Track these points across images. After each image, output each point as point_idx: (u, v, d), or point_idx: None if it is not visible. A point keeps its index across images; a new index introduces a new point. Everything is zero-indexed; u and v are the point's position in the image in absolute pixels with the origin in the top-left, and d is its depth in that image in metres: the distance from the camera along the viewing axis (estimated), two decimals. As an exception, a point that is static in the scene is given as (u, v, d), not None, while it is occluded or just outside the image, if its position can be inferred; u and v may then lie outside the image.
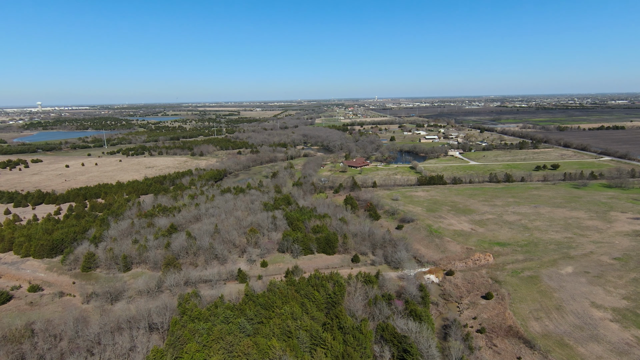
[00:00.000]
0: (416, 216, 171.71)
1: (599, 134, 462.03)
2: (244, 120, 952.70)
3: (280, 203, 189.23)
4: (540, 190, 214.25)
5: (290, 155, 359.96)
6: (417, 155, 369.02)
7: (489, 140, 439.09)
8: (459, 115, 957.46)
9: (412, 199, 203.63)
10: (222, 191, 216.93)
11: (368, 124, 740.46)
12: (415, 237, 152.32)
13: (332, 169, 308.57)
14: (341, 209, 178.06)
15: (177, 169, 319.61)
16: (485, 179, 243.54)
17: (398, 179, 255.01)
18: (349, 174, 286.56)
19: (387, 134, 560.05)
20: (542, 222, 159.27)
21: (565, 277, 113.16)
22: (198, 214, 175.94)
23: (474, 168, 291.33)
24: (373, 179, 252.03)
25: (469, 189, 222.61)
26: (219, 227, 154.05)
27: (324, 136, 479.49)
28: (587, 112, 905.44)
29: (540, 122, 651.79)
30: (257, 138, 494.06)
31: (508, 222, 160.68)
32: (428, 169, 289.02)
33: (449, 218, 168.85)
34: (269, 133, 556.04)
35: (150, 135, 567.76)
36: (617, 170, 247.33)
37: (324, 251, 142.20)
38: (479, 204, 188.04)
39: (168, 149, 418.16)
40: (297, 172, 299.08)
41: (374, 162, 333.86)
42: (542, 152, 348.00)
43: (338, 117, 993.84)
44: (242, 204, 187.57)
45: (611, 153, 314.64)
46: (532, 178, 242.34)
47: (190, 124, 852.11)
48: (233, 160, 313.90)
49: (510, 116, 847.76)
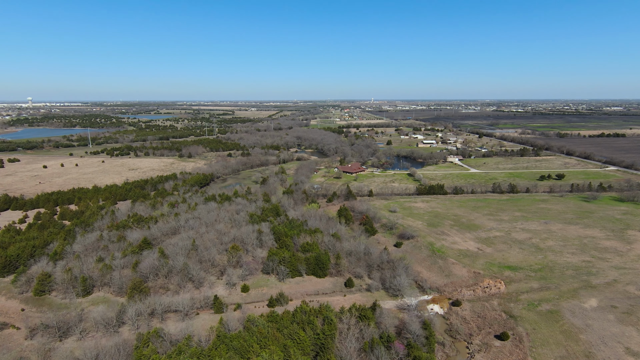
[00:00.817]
0: (416, 232, 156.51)
1: (600, 142, 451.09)
2: (238, 120, 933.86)
3: (268, 214, 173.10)
4: (548, 203, 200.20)
5: (282, 159, 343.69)
6: (415, 161, 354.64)
7: (489, 146, 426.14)
8: (455, 119, 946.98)
9: (412, 211, 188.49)
10: (206, 199, 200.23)
11: (364, 126, 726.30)
12: (416, 257, 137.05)
13: (326, 174, 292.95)
14: (334, 223, 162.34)
15: (162, 171, 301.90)
16: (488, 189, 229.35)
17: (395, 188, 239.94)
18: (344, 180, 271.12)
19: (383, 137, 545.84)
20: (555, 241, 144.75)
21: (591, 312, 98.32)
22: (176, 226, 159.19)
23: (475, 176, 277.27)
24: (369, 187, 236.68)
25: (471, 201, 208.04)
26: (197, 243, 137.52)
27: (319, 139, 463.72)
28: (584, 118, 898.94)
29: (539, 127, 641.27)
30: (250, 139, 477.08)
31: (518, 240, 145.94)
32: (427, 177, 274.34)
33: (453, 235, 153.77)
34: (262, 134, 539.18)
35: (138, 134, 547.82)
36: (627, 182, 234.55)
37: (314, 273, 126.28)
38: (484, 219, 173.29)
39: (155, 149, 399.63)
40: (289, 177, 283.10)
41: (370, 167, 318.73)
42: (544, 160, 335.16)
43: (334, 119, 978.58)
44: (226, 215, 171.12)
45: (616, 162, 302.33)
46: (538, 189, 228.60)
47: (182, 123, 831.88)
48: (222, 164, 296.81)
49: (508, 121, 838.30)
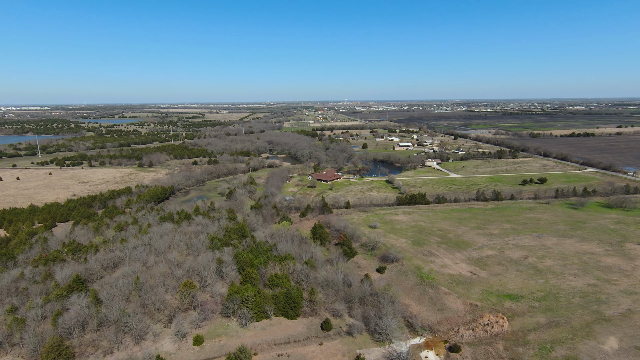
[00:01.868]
0: (401, 252, 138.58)
1: (572, 142, 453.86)
2: (208, 123, 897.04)
3: (232, 236, 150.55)
4: (536, 212, 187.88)
5: (252, 167, 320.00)
6: (392, 166, 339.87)
7: (465, 148, 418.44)
8: (429, 119, 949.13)
9: (394, 226, 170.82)
10: (162, 218, 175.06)
11: (338, 128, 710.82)
12: (403, 285, 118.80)
13: (300, 183, 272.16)
14: (308, 245, 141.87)
15: (116, 184, 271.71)
16: (472, 197, 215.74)
17: (374, 197, 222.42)
18: (319, 189, 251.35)
19: (358, 140, 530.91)
20: (553, 260, 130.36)
21: (613, 357, 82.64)
22: (121, 256, 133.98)
23: (456, 182, 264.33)
24: (346, 198, 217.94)
25: (456, 211, 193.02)
26: (141, 280, 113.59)
27: (292, 143, 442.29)
28: (551, 117, 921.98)
29: (511, 128, 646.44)
30: (218, 145, 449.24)
31: (513, 260, 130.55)
32: (406, 183, 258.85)
33: (441, 255, 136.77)
34: (232, 139, 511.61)
35: (96, 141, 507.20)
36: (609, 185, 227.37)
37: (284, 314, 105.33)
38: (472, 234, 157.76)
39: (113, 158, 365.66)
40: (259, 187, 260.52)
41: (346, 174, 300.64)
42: (522, 162, 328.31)
43: (307, 121, 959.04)
44: (182, 239, 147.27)
45: (594, 164, 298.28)
46: (522, 195, 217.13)
47: (147, 127, 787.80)
48: (184, 174, 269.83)
49: (480, 121, 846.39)
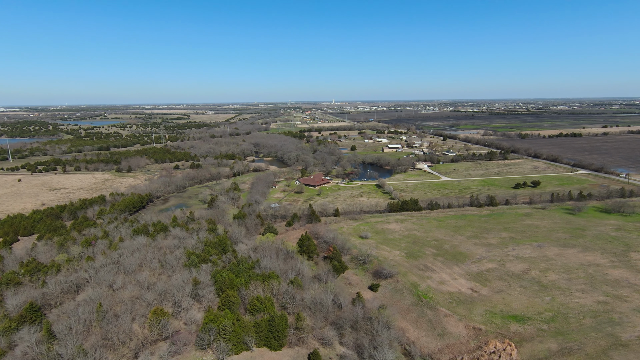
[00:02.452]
0: (395, 267, 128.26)
1: (560, 142, 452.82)
2: (193, 125, 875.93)
3: (211, 251, 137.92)
4: (532, 218, 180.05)
5: (236, 171, 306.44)
6: (382, 169, 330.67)
7: (455, 149, 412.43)
8: (417, 120, 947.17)
9: (386, 236, 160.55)
10: (135, 231, 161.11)
11: (326, 129, 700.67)
12: (398, 306, 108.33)
13: (286, 188, 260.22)
14: (294, 261, 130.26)
15: (91, 191, 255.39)
16: (466, 202, 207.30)
17: (365, 203, 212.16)
18: (306, 195, 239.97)
19: (347, 141, 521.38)
20: (558, 273, 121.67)
21: (638, 393, 73.40)
22: (86, 277, 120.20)
23: (448, 186, 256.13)
24: (335, 205, 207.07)
25: (450, 218, 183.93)
26: (105, 308, 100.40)
27: (279, 145, 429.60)
28: (537, 117, 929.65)
29: (499, 128, 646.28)
30: (202, 148, 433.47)
31: (515, 275, 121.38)
32: (397, 188, 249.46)
33: (438, 270, 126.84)
34: (216, 141, 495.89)
35: (74, 144, 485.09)
36: (605, 188, 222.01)
37: (267, 344, 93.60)
38: (469, 244, 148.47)
39: (89, 162, 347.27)
40: (244, 193, 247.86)
41: (335, 178, 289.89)
42: (513, 164, 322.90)
43: (295, 122, 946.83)
44: (155, 256, 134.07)
45: (585, 165, 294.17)
46: (517, 200, 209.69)
47: (129, 129, 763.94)
48: (163, 181, 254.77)
49: (468, 121, 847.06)
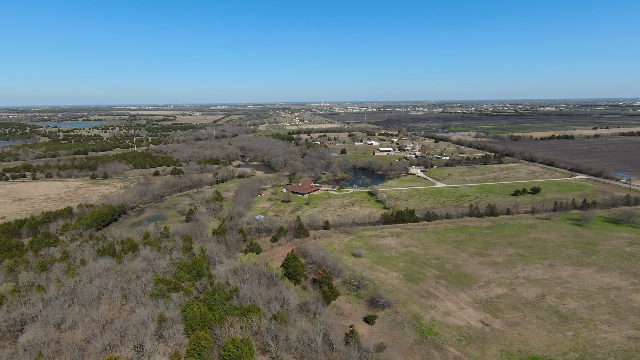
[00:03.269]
0: (393, 293, 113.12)
1: (553, 145, 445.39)
2: (178, 126, 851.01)
3: (183, 276, 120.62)
4: (538, 230, 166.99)
5: (220, 178, 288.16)
6: (374, 174, 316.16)
7: (448, 152, 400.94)
8: (407, 121, 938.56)
9: (381, 253, 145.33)
10: (100, 251, 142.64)
11: (315, 131, 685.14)
12: (399, 344, 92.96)
13: (273, 197, 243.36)
14: (279, 287, 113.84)
15: (59, 202, 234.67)
16: (465, 212, 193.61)
17: (357, 214, 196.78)
18: (294, 204, 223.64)
19: (337, 144, 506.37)
20: (576, 299, 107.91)
21: None
22: (32, 313, 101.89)
23: (444, 193, 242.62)
24: (325, 216, 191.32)
25: (450, 231, 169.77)
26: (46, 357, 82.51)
27: (266, 149, 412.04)
28: (526, 119, 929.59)
29: (490, 130, 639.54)
30: (185, 152, 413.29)
31: (529, 302, 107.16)
32: (391, 196, 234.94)
33: (442, 297, 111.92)
34: (201, 144, 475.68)
35: (49, 148, 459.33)
36: (609, 196, 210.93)
37: (244, 402, 77.14)
38: (474, 263, 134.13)
39: (62, 168, 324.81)
40: (227, 202, 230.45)
41: (324, 184, 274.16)
42: (509, 168, 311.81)
43: (283, 124, 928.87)
44: (118, 284, 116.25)
45: (584, 170, 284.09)
46: (519, 208, 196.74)
47: (111, 131, 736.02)
48: (139, 189, 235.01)
49: (458, 123, 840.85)
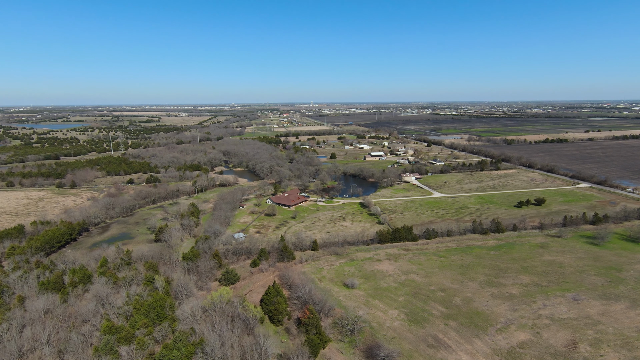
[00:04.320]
0: (394, 340, 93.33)
1: (549, 149, 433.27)
2: (162, 128, 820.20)
3: (139, 321, 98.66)
4: (551, 251, 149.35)
5: (199, 187, 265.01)
6: (365, 181, 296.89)
7: (442, 157, 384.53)
8: (397, 123, 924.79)
9: (378, 283, 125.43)
10: (44, 284, 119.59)
11: (304, 134, 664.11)
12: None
13: (256, 209, 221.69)
14: (256, 334, 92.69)
15: (15, 216, 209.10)
16: (467, 228, 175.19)
17: (348, 230, 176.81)
18: (279, 218, 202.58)
19: (326, 148, 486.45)
20: (614, 348, 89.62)
21: None
22: None
23: (442, 204, 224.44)
24: (312, 234, 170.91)
25: (453, 251, 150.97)
26: None
27: (251, 154, 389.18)
28: (516, 121, 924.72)
29: (482, 133, 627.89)
30: (165, 157, 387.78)
31: (560, 355, 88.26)
32: (385, 208, 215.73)
33: (454, 346, 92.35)
34: (182, 149, 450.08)
35: (17, 152, 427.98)
36: (621, 208, 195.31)
37: None
38: (486, 296, 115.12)
39: (26, 176, 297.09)
40: (205, 216, 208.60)
41: (313, 194, 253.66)
42: (507, 176, 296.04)
43: (271, 125, 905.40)
44: (55, 336, 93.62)
45: (586, 177, 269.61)
46: (526, 224, 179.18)
47: (90, 133, 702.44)
48: (105, 202, 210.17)
49: (448, 125, 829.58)
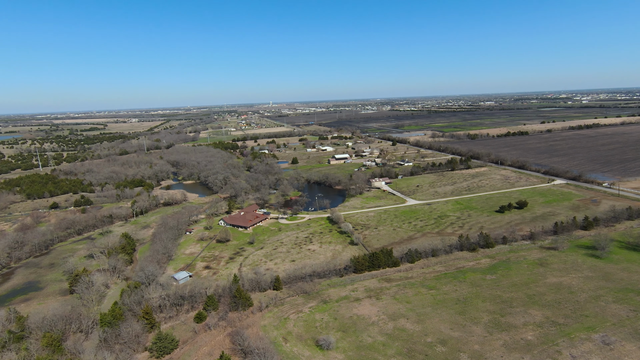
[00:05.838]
0: None
1: (513, 143, 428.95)
2: (106, 137, 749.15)
3: None
4: (552, 270, 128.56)
5: (140, 208, 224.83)
6: (332, 189, 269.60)
7: (410, 157, 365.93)
8: (358, 121, 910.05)
9: (359, 338, 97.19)
10: None
11: (263, 137, 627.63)
12: None
13: (205, 235, 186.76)
14: None
15: None
16: (453, 244, 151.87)
17: (317, 257, 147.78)
18: (233, 245, 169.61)
19: (287, 152, 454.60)
20: None
21: None
22: None
23: (418, 213, 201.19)
24: (274, 267, 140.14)
25: (443, 279, 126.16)
26: None
27: (204, 163, 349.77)
28: (474, 115, 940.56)
29: (444, 128, 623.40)
30: (102, 171, 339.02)
31: None
32: (357, 223, 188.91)
33: None
34: (125, 160, 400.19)
35: None
36: (610, 208, 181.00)
37: None
38: (498, 348, 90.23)
39: None
40: (143, 248, 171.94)
41: (274, 210, 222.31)
42: (480, 175, 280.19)
43: (228, 129, 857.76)
44: None
45: (559, 173, 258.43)
46: (515, 234, 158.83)
47: (20, 146, 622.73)
48: (12, 238, 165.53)
49: (410, 121, 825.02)
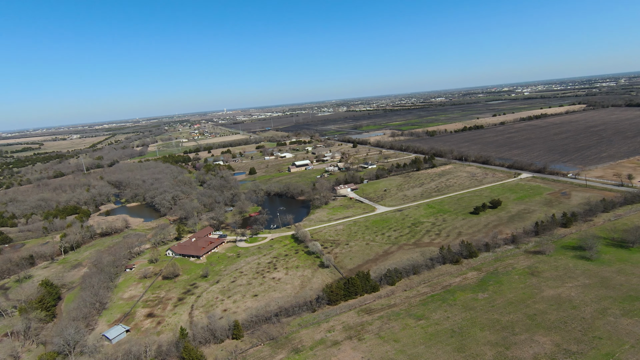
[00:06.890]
0: None
1: (471, 137, 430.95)
2: (40, 157, 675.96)
3: None
4: (546, 279, 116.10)
5: (70, 243, 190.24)
6: (295, 200, 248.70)
7: (372, 158, 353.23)
8: (316, 124, 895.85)
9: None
10: None
11: (218, 146, 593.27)
12: None
13: (149, 271, 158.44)
14: None
15: None
16: (435, 257, 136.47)
17: (284, 288, 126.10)
18: (183, 282, 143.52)
19: (243, 162, 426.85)
20: None
21: None
22: None
23: (390, 221, 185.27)
24: (233, 307, 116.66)
25: (430, 303, 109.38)
26: None
27: (150, 181, 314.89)
28: (428, 111, 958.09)
29: (402, 126, 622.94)
30: (30, 199, 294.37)
31: None
32: (326, 239, 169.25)
33: None
34: (58, 184, 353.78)
35: None
36: (585, 202, 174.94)
37: None
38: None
39: None
40: (70, 295, 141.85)
41: (231, 230, 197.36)
42: (446, 173, 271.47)
43: (180, 140, 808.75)
44: None
45: (523, 166, 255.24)
46: (497, 240, 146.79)
47: None
48: None
49: (367, 121, 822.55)
